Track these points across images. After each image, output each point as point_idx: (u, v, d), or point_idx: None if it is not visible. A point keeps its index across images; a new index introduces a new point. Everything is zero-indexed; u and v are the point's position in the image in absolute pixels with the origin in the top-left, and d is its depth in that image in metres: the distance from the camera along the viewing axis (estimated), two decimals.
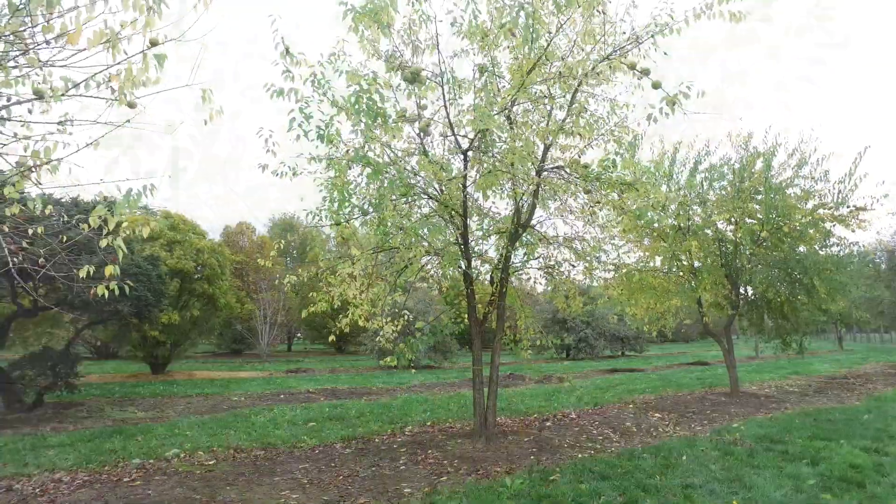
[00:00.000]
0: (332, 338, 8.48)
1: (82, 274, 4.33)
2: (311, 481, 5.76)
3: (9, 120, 4.06)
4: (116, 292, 4.28)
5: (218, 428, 8.41)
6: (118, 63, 3.86)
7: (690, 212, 11.64)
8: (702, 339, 46.35)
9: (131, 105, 4.57)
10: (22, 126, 4.10)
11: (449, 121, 6.58)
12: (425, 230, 6.41)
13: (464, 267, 7.62)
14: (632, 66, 6.96)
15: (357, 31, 5.79)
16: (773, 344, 12.65)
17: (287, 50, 6.01)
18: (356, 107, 5.90)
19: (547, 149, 7.55)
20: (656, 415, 10.00)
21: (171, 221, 16.57)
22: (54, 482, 5.56)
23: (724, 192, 11.88)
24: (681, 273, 11.92)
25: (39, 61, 3.74)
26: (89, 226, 4.17)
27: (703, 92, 6.59)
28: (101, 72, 3.88)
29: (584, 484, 5.31)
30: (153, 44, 4.38)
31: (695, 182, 11.61)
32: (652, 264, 11.71)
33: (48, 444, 7.30)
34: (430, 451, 6.96)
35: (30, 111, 4.09)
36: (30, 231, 4.15)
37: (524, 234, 7.81)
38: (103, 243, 4.48)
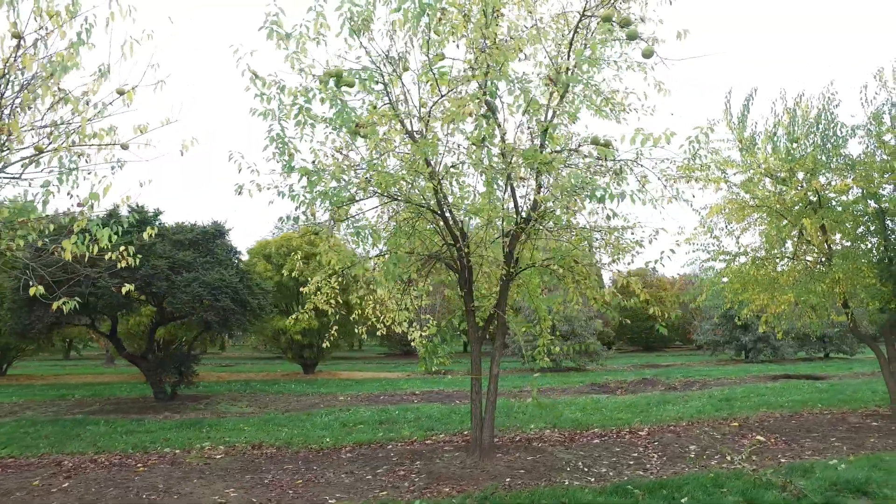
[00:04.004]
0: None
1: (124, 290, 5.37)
2: (270, 482, 6.02)
3: (76, 169, 5.20)
4: (72, 306, 5.07)
5: (273, 425, 9.26)
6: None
7: (821, 179, 9.07)
8: None
9: (124, 147, 5.48)
10: (89, 174, 5.19)
11: (399, 118, 6.30)
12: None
13: (457, 267, 7.20)
14: (606, 19, 5.81)
15: (278, 46, 5.93)
16: None
17: (255, 75, 6.42)
18: (297, 118, 6.10)
19: (545, 132, 6.72)
20: (758, 437, 8.02)
21: (308, 237, 18.80)
22: (91, 461, 6.80)
23: (880, 150, 9.02)
24: (809, 259, 9.35)
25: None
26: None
27: (685, 32, 5.25)
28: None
29: None
30: (119, 93, 5.22)
31: (826, 141, 8.98)
32: (761, 252, 9.40)
33: (138, 429, 8.91)
34: (416, 463, 6.70)
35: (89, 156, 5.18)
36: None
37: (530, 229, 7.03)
38: (122, 264, 5.40)
